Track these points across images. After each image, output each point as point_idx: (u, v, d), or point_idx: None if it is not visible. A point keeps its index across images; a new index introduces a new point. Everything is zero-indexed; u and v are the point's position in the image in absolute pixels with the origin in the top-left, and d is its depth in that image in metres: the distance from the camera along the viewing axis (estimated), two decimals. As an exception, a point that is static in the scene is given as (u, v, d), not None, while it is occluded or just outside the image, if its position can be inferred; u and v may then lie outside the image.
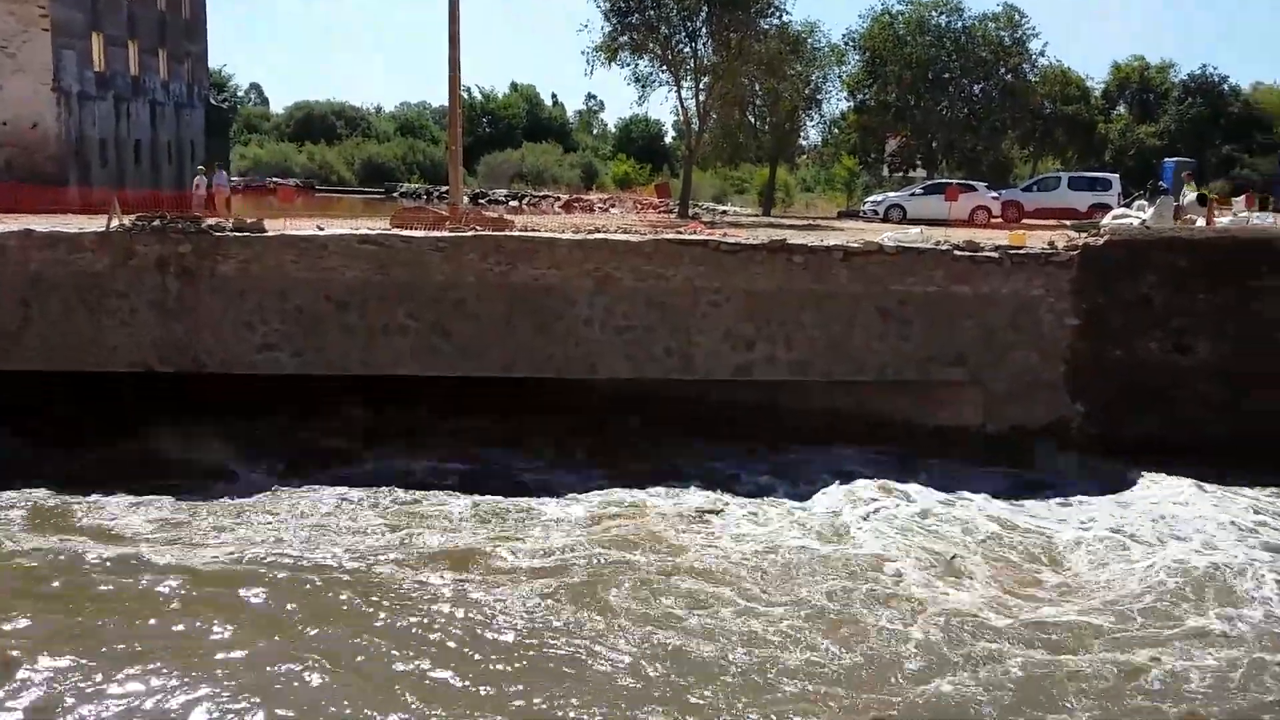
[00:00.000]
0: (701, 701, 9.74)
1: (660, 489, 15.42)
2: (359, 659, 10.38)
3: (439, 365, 16.91)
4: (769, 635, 11.01)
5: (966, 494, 15.35)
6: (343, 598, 11.69)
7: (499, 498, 14.96)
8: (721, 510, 14.70)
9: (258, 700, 9.54)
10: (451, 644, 10.70)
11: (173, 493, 14.82)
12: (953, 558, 13.15)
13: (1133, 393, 17.05)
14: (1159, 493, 15.47)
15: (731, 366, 17.05)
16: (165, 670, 9.98)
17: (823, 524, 14.25)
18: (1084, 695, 9.99)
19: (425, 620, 11.16)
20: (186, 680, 9.80)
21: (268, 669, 10.11)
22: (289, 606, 11.45)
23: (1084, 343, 17.09)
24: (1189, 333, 17.13)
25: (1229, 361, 17.07)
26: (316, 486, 15.24)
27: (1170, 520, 14.44)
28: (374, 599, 11.64)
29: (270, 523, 13.98)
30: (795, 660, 10.50)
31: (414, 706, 9.60)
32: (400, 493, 15.10)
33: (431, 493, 15.15)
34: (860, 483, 15.56)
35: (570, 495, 15.18)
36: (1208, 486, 15.47)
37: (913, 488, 15.45)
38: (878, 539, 13.72)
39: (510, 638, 10.87)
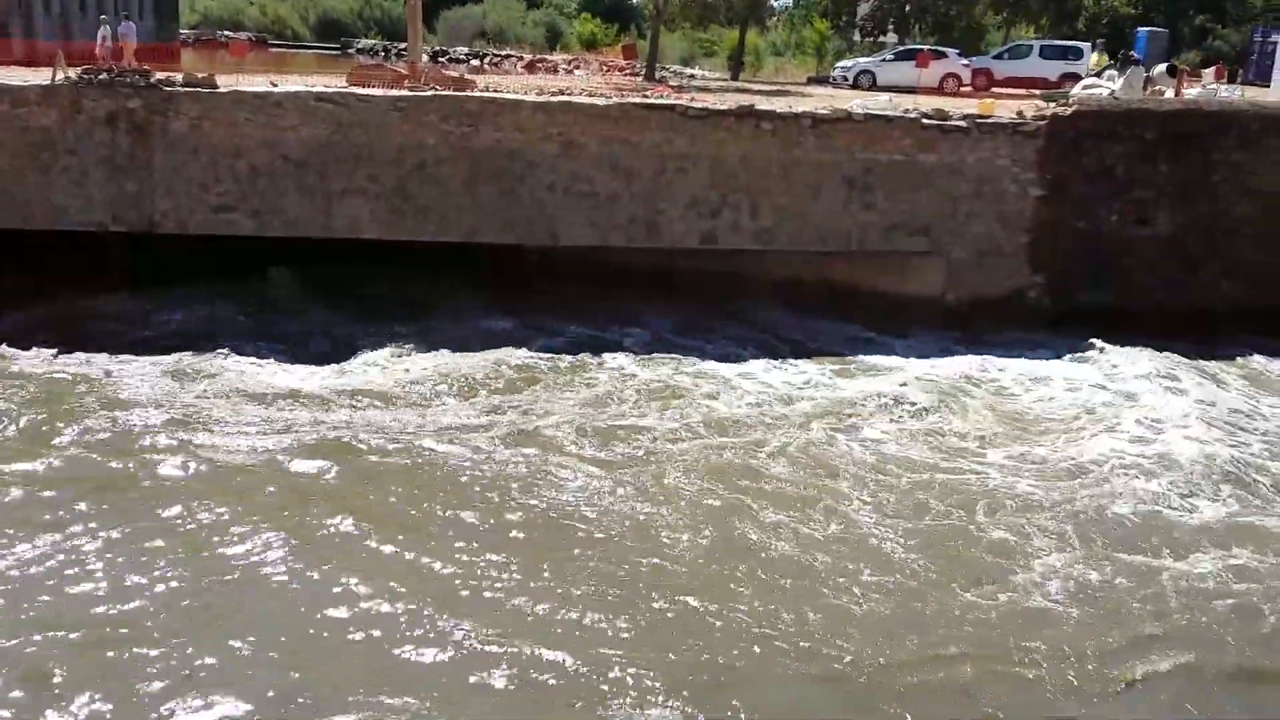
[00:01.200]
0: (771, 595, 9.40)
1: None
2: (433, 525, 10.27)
3: (400, 230, 16.68)
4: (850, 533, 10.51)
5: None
6: (409, 469, 11.44)
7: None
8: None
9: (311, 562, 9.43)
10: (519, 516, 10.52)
11: (193, 350, 14.80)
12: None
13: (1093, 264, 17.22)
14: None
15: (697, 234, 16.96)
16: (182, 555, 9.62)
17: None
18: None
19: (492, 492, 10.94)
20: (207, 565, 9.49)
21: (322, 540, 9.92)
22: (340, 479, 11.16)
23: (1047, 213, 17.14)
24: (1150, 205, 17.23)
25: (1187, 233, 17.26)
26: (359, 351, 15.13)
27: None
28: (450, 470, 11.40)
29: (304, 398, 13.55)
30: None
31: (466, 569, 9.51)
32: (470, 356, 15.05)
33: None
34: (902, 361, 15.57)
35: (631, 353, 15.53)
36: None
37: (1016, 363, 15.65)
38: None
39: (574, 513, 10.60)
